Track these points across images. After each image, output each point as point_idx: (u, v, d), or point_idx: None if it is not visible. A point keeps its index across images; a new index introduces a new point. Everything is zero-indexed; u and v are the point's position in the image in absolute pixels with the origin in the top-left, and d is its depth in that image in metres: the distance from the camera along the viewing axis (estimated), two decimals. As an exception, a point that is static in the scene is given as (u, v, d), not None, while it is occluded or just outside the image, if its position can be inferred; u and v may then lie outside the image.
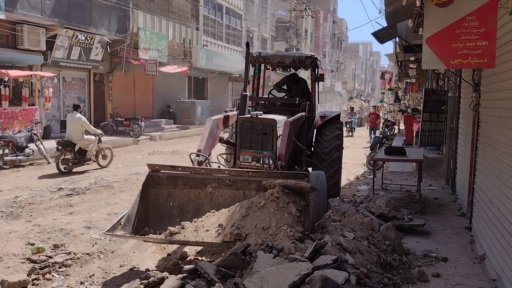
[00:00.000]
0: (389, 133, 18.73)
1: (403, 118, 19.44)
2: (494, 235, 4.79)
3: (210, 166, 6.15)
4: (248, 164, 6.35)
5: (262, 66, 8.58)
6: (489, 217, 5.12)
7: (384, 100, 32.56)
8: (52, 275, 4.89)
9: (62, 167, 11.01)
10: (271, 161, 5.97)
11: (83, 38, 17.16)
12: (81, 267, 5.26)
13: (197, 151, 6.03)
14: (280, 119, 6.58)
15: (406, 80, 20.80)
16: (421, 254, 5.37)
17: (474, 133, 6.52)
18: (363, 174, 12.30)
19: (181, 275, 3.78)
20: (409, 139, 15.94)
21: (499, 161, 4.84)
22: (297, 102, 7.69)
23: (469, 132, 7.05)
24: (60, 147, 10.97)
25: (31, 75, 15.40)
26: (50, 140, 15.79)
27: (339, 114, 8.47)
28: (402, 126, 21.52)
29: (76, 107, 11.54)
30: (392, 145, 12.37)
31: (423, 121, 10.54)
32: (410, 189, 9.10)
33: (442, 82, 12.92)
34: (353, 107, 28.27)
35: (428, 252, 5.43)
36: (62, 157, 11.01)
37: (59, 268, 5.11)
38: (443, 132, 10.84)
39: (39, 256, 5.35)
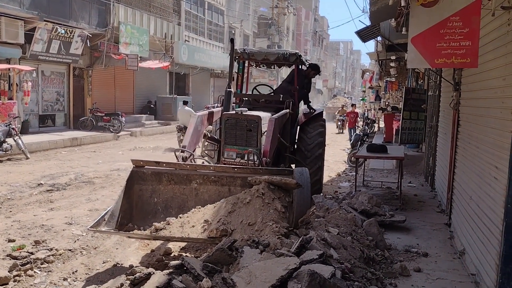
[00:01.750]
0: (369, 131, 18.93)
1: (383, 116, 19.61)
2: (474, 231, 4.91)
3: (194, 162, 6.14)
4: (233, 160, 6.34)
5: (246, 62, 8.57)
6: (469, 213, 5.25)
7: (366, 98, 32.91)
8: (34, 272, 4.83)
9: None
10: (256, 158, 5.98)
11: (63, 31, 16.87)
12: (63, 263, 5.20)
13: (182, 147, 6.01)
14: (265, 115, 6.59)
15: (387, 79, 21.07)
16: (402, 250, 5.47)
17: (454, 132, 6.65)
18: (344, 171, 12.44)
19: (167, 271, 3.76)
20: (389, 137, 16.18)
21: (479, 158, 4.96)
22: (281, 99, 7.72)
23: (449, 130, 7.20)
24: (179, 130, 14.32)
25: (9, 69, 15.08)
26: (29, 135, 15.55)
27: (322, 111, 8.54)
28: (381, 124, 21.76)
29: (185, 103, 15.56)
30: (372, 142, 12.53)
31: (403, 119, 10.72)
32: (391, 186, 9.25)
33: (421, 81, 13.16)
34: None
35: (409, 248, 5.54)
36: (181, 137, 13.89)
37: (41, 264, 5.04)
38: (423, 130, 11.04)
39: (20, 252, 5.27)
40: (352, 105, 22.09)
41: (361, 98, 39.45)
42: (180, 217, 4.88)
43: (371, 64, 26.09)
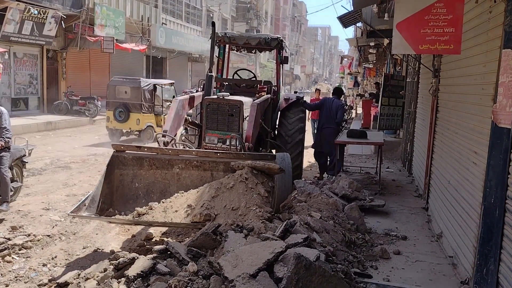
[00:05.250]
0: (347, 117, 18.93)
1: (361, 102, 19.67)
2: (451, 214, 5.03)
3: (176, 147, 6.08)
4: (214, 145, 6.32)
5: (227, 46, 8.49)
6: (446, 197, 5.36)
7: (343, 84, 33.12)
8: (12, 257, 4.74)
9: None
10: (238, 143, 5.96)
11: (36, 12, 16.32)
12: (42, 249, 5.12)
13: (163, 131, 5.94)
14: (247, 100, 6.56)
15: (365, 65, 21.20)
16: (382, 233, 5.57)
17: (432, 117, 6.75)
18: (323, 156, 12.50)
19: (151, 255, 3.74)
20: (366, 123, 16.31)
21: (458, 144, 5.05)
22: (262, 84, 7.70)
23: (427, 116, 7.30)
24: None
25: (-21, 50, 14.56)
26: None
27: (303, 97, 8.55)
28: (359, 110, 21.87)
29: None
30: (351, 128, 12.62)
31: (382, 106, 10.82)
32: (369, 171, 9.36)
33: (399, 67, 13.28)
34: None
35: (389, 231, 5.63)
36: None
37: (19, 250, 4.96)
38: (401, 116, 11.18)
39: (-4, 238, 5.16)
40: (316, 90, 16.99)
41: (338, 84, 39.64)
42: (163, 202, 4.84)
43: (350, 50, 26.19)
